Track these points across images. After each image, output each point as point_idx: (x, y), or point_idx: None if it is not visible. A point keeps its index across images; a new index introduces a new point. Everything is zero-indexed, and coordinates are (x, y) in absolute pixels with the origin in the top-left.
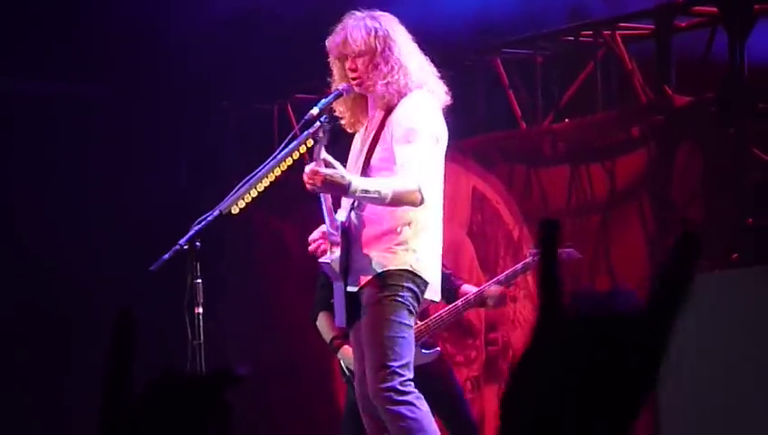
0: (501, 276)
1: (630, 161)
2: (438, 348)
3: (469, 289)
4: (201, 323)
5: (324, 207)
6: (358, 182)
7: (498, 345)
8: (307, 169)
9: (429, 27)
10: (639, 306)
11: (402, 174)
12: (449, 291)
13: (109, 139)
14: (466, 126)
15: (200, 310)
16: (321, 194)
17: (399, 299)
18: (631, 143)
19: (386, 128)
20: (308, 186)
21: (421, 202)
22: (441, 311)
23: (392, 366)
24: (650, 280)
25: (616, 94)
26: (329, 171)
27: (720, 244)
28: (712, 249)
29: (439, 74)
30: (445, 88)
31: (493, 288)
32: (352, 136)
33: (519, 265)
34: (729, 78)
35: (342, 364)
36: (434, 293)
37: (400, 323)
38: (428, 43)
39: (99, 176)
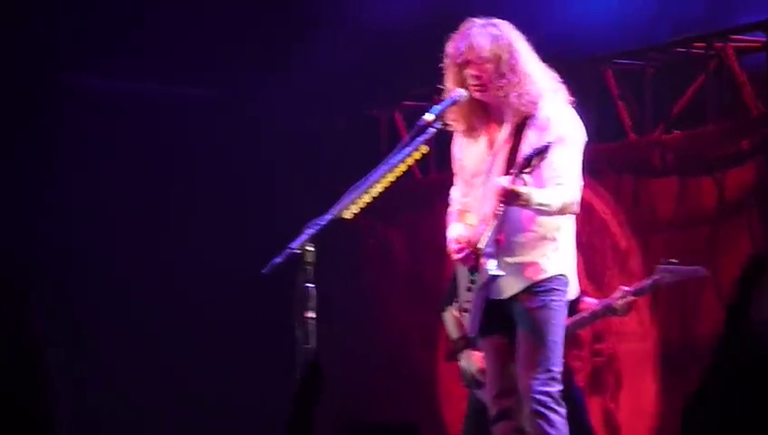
0: (631, 289)
1: (740, 174)
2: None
3: (590, 301)
4: (312, 328)
5: (492, 222)
6: (535, 196)
7: (604, 356)
8: (502, 183)
9: (541, 36)
10: None
11: (563, 185)
12: (571, 302)
13: (213, 142)
14: None
15: (311, 314)
16: (499, 209)
17: (562, 304)
18: (741, 156)
19: (527, 134)
20: (498, 198)
21: (576, 211)
22: (566, 322)
23: (554, 372)
24: None
25: (726, 107)
26: (519, 187)
27: None
28: None
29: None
30: (566, 93)
31: (620, 299)
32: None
33: (649, 281)
34: None
35: (463, 367)
36: (572, 294)
37: (562, 328)
38: (540, 51)
39: (206, 178)
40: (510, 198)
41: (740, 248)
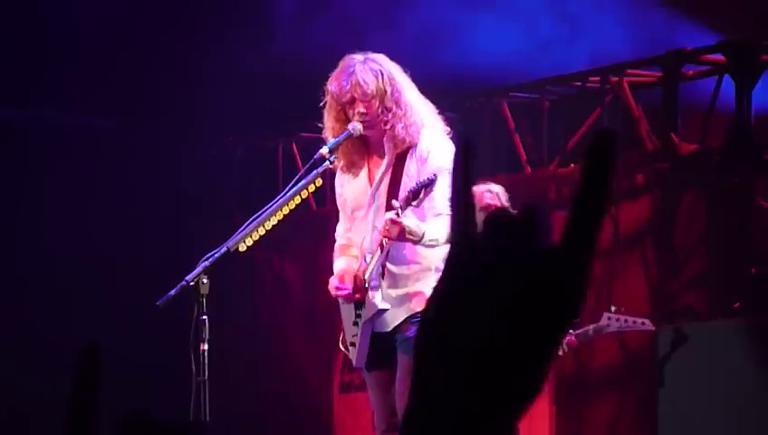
0: (574, 332)
1: (634, 208)
2: None
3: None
4: (206, 360)
5: (378, 255)
6: (428, 232)
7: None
8: (387, 216)
9: (436, 69)
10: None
11: (442, 216)
12: None
13: (111, 171)
14: None
15: (205, 347)
16: (384, 242)
17: None
18: (636, 190)
19: (407, 166)
20: (384, 234)
21: None
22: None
23: None
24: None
25: (622, 141)
26: (409, 222)
27: (723, 293)
28: (715, 298)
29: (438, 111)
30: (443, 123)
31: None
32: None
33: (591, 327)
34: (735, 127)
35: None
36: None
37: None
38: (434, 85)
39: (101, 210)
40: (401, 234)
41: (633, 282)
